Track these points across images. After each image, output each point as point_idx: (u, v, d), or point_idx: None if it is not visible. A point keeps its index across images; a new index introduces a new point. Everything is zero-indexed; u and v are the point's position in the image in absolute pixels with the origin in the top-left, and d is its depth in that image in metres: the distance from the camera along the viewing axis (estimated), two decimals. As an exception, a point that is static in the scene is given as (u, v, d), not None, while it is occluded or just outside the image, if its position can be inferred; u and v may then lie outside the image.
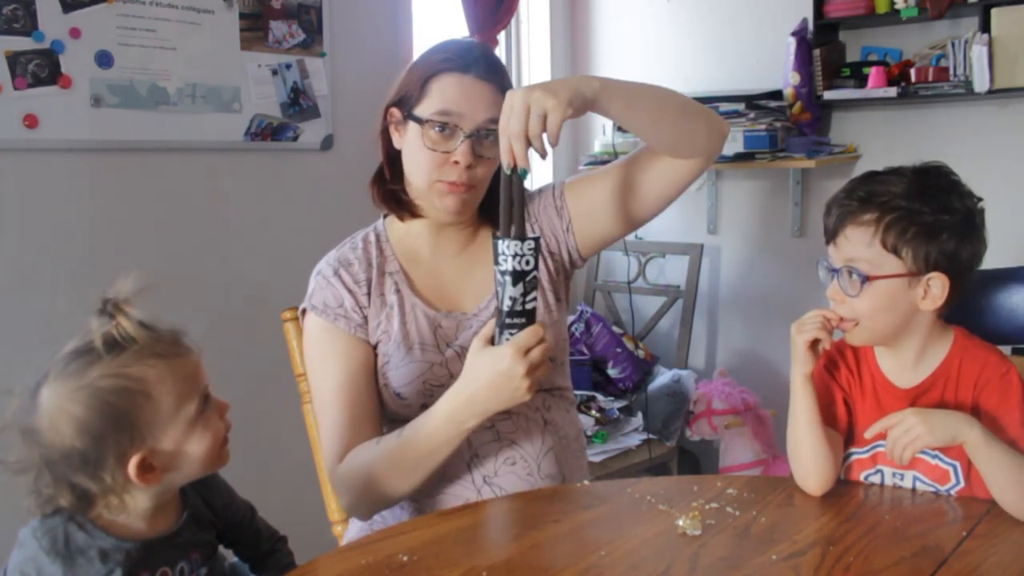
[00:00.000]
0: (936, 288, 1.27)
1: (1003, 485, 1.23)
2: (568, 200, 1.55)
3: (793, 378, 1.33)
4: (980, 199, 1.31)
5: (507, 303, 1.25)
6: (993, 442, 1.22)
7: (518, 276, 1.24)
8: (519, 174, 1.27)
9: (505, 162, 1.28)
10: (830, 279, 1.32)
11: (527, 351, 1.24)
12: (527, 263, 1.24)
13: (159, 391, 1.04)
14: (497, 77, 1.46)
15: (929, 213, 1.26)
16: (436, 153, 1.42)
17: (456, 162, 1.42)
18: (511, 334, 1.25)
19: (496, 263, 1.25)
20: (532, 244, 1.24)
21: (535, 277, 1.26)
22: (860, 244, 1.27)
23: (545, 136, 1.28)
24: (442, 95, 1.42)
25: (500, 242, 1.25)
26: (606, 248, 1.61)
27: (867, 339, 1.33)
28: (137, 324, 1.05)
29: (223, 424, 1.12)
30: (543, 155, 1.30)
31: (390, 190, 1.52)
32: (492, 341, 1.28)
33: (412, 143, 1.46)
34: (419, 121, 1.43)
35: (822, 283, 1.34)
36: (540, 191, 1.60)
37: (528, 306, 1.26)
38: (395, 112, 1.48)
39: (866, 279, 1.27)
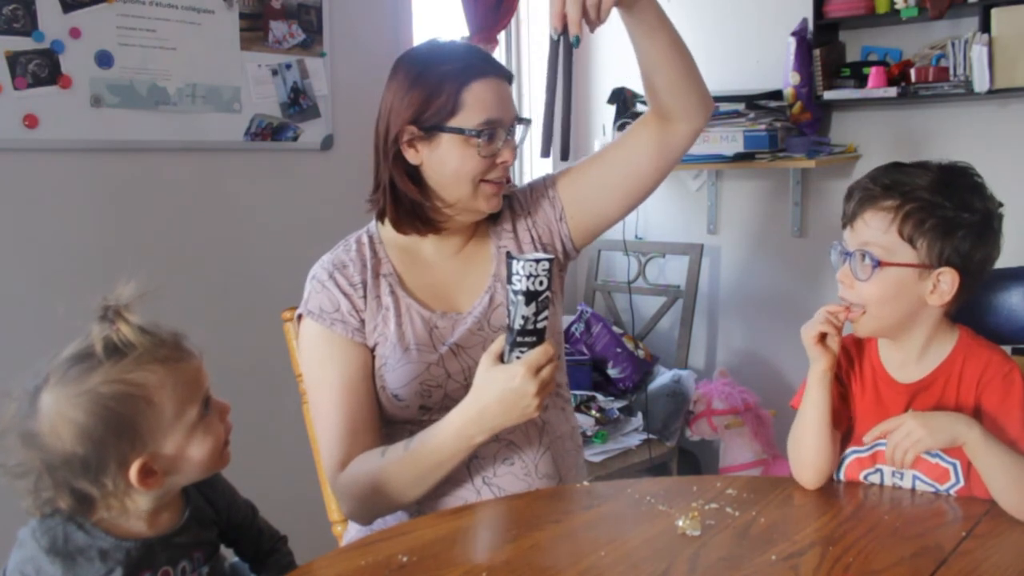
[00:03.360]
0: (945, 284, 1.27)
1: (1003, 486, 1.23)
2: (560, 189, 1.57)
3: (810, 374, 1.34)
4: (1001, 204, 1.32)
5: (519, 322, 1.25)
6: (993, 443, 1.22)
7: (531, 296, 1.25)
8: (570, 41, 1.22)
9: (553, 26, 1.24)
10: (841, 262, 1.32)
11: (538, 370, 1.26)
12: (540, 283, 1.25)
13: (160, 396, 1.04)
14: (508, 74, 1.49)
15: (950, 209, 1.26)
16: (486, 159, 1.43)
17: (503, 162, 1.45)
18: (522, 352, 1.27)
19: (509, 282, 1.26)
20: (547, 265, 1.25)
21: (547, 297, 1.26)
22: (877, 229, 1.28)
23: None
24: (481, 103, 1.42)
25: (515, 262, 1.25)
26: (599, 237, 1.62)
27: (873, 328, 1.33)
28: (137, 330, 1.04)
29: (224, 426, 1.12)
30: (593, 26, 1.26)
31: (413, 210, 1.48)
32: (501, 357, 1.29)
33: (452, 155, 1.43)
34: (467, 133, 1.41)
35: (833, 266, 1.35)
36: (530, 185, 1.61)
37: (539, 325, 1.27)
38: (412, 129, 1.44)
39: (878, 264, 1.27)
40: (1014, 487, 1.22)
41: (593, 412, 3.04)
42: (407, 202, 1.48)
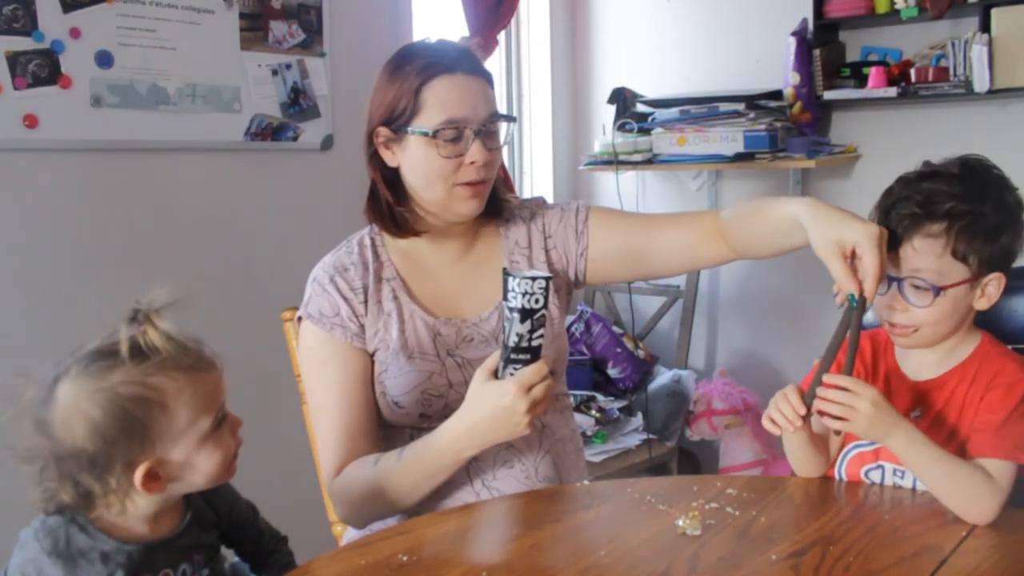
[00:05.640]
0: (992, 288, 1.28)
1: (932, 485, 1.24)
2: (591, 229, 1.55)
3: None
4: (1017, 188, 1.32)
5: (513, 339, 1.25)
6: (915, 450, 1.21)
7: (526, 313, 1.24)
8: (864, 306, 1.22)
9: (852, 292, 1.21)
10: (885, 287, 1.29)
11: (530, 388, 1.26)
12: (536, 301, 1.24)
13: (176, 403, 1.04)
14: (483, 69, 1.46)
15: (991, 215, 1.26)
16: (450, 160, 1.41)
17: (472, 162, 1.41)
18: (515, 369, 1.26)
19: (505, 298, 1.26)
20: (543, 284, 1.24)
21: (543, 315, 1.26)
22: (930, 255, 1.26)
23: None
24: (441, 102, 1.40)
25: (511, 279, 1.25)
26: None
27: (925, 344, 1.32)
28: (164, 336, 1.05)
29: (235, 441, 1.12)
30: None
31: (390, 213, 1.49)
32: (495, 373, 1.29)
33: (418, 156, 1.42)
34: (427, 134, 1.40)
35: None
36: (562, 207, 1.58)
37: (534, 343, 1.26)
38: (383, 131, 1.45)
39: (940, 291, 1.26)
40: (945, 490, 1.23)
41: (593, 412, 3.04)
42: (383, 203, 1.49)
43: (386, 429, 1.49)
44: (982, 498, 1.20)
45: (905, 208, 1.28)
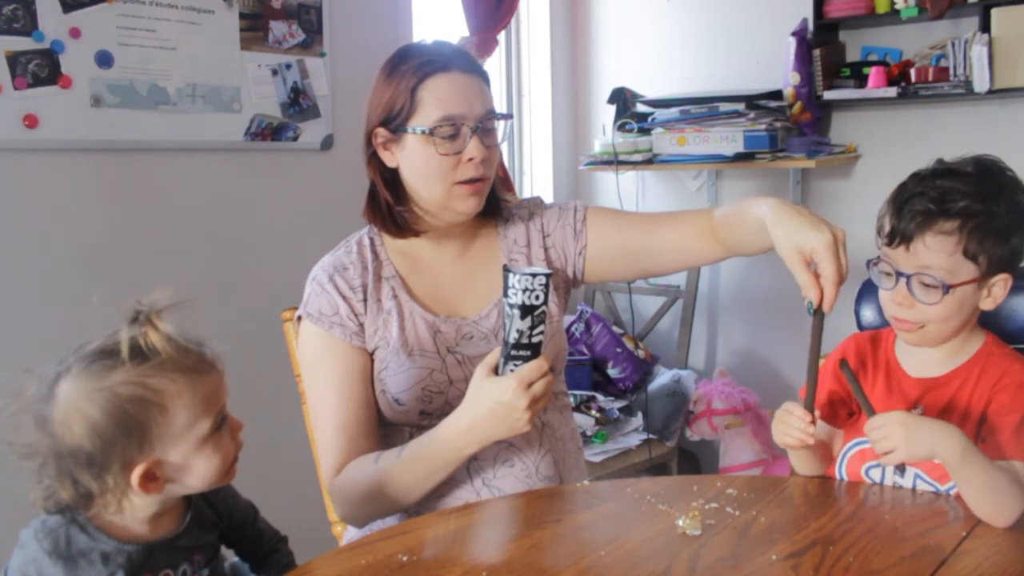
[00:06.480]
0: (999, 289, 1.28)
1: (971, 495, 1.21)
2: (589, 227, 1.55)
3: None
4: None
5: (514, 335, 1.26)
6: (970, 459, 1.19)
7: (527, 310, 1.25)
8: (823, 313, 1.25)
9: (812, 299, 1.24)
10: (893, 282, 1.29)
11: (530, 384, 1.26)
12: (536, 298, 1.24)
13: (175, 405, 1.04)
14: (478, 67, 1.46)
15: (1004, 216, 1.26)
16: (449, 157, 1.41)
17: (471, 159, 1.41)
18: (515, 366, 1.27)
19: (505, 295, 1.26)
20: (543, 280, 1.25)
21: (543, 312, 1.26)
22: (942, 253, 1.26)
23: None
24: (438, 99, 1.40)
25: (511, 275, 1.25)
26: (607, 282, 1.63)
27: (929, 341, 1.32)
28: (165, 338, 1.05)
29: (235, 444, 1.12)
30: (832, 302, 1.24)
31: (390, 213, 1.49)
32: (496, 370, 1.29)
33: (417, 155, 1.43)
34: (425, 132, 1.40)
35: (879, 285, 1.33)
36: (560, 206, 1.59)
37: (535, 339, 1.26)
38: (382, 132, 1.45)
39: (948, 288, 1.25)
40: (986, 499, 1.20)
41: (593, 412, 3.04)
42: (383, 204, 1.49)
43: (385, 428, 1.49)
44: (1013, 503, 1.19)
45: (919, 204, 1.27)
